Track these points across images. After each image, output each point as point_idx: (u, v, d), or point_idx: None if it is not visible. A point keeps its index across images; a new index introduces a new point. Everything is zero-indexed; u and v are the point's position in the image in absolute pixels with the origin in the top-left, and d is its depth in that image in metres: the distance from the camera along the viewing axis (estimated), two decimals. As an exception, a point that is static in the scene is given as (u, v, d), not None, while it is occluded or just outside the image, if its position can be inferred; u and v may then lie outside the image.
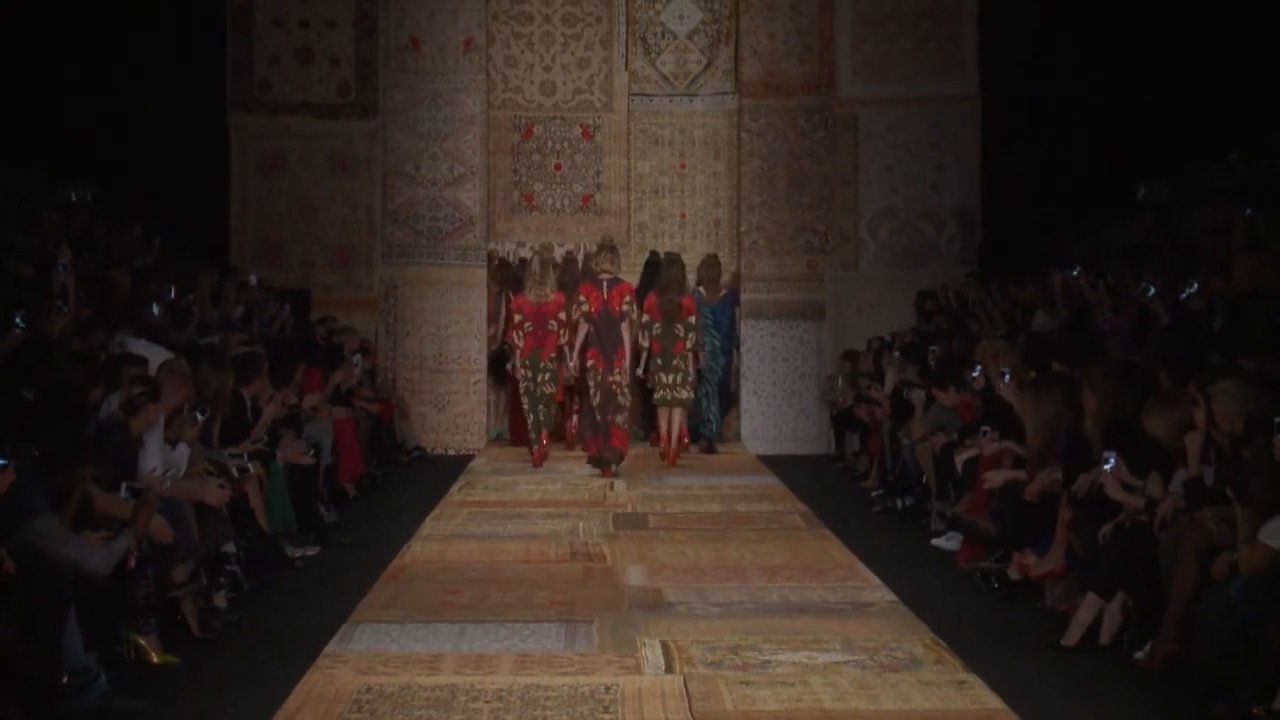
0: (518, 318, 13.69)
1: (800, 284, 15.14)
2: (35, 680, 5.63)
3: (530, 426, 13.63)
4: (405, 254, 15.15)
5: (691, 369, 13.77)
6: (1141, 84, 13.08)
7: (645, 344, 13.65)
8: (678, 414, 13.81)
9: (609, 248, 13.52)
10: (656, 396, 13.86)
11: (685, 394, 13.75)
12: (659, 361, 13.73)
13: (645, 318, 13.63)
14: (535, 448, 13.50)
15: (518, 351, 13.64)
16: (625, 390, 13.10)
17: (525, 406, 13.68)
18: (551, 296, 13.65)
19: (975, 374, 10.01)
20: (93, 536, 6.19)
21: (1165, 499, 6.83)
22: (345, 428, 11.41)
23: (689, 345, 13.75)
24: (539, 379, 13.57)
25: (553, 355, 13.57)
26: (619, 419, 12.96)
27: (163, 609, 6.90)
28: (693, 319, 13.73)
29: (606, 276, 13.34)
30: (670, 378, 13.70)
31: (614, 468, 12.82)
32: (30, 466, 5.92)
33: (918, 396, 11.03)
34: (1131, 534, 6.92)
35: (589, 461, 13.08)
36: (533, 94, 15.82)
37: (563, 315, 13.56)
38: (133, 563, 6.36)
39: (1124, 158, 13.13)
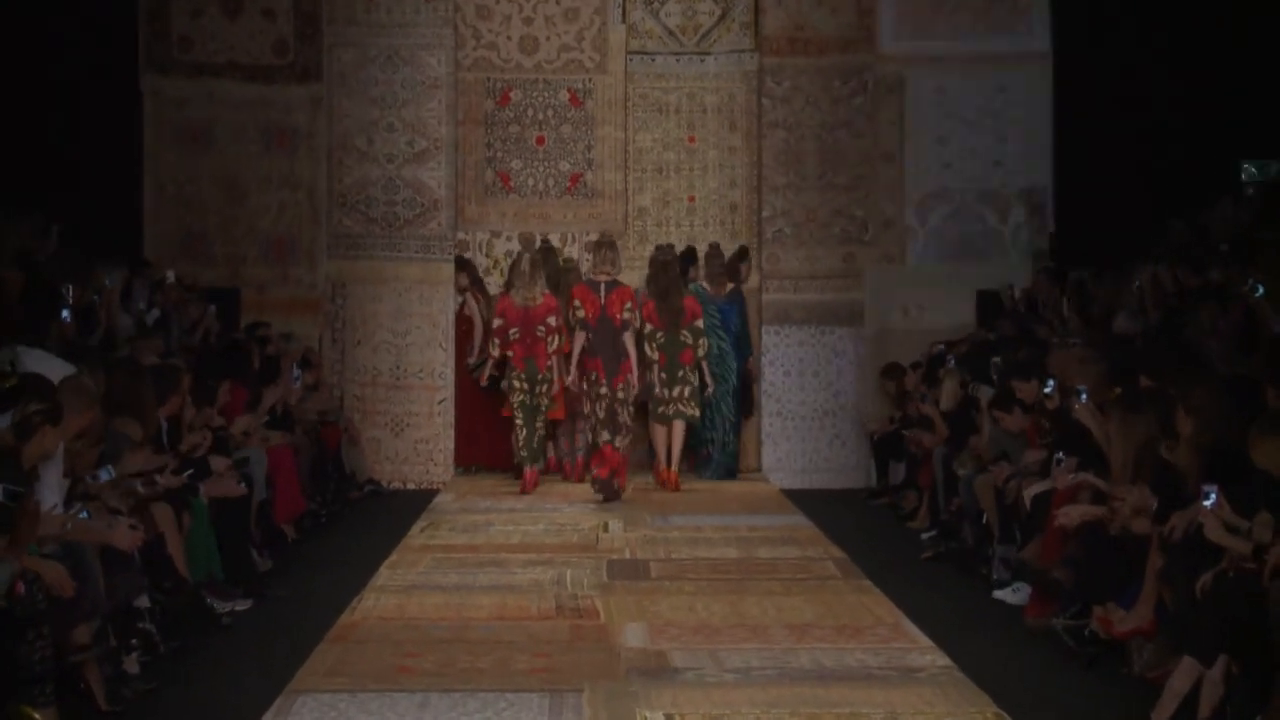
0: (499, 322, 14.01)
1: (834, 282, 15.18)
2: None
3: (522, 445, 14.01)
4: (355, 245, 15.19)
5: (697, 381, 14.17)
6: (1249, 40, 13.09)
7: (654, 356, 14.11)
8: (679, 431, 14.19)
9: (608, 245, 13.98)
10: (657, 412, 14.20)
11: (691, 410, 14.16)
12: (664, 375, 14.15)
13: (648, 327, 14.04)
14: (526, 470, 13.91)
15: (508, 363, 13.99)
16: (629, 410, 13.67)
17: (519, 423, 14.00)
18: (541, 299, 14.02)
19: (1048, 390, 10.02)
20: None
21: (1277, 543, 6.84)
22: (283, 456, 11.42)
23: (699, 354, 14.15)
24: (537, 391, 13.97)
25: (549, 365, 13.97)
26: (618, 440, 13.53)
27: (62, 676, 6.89)
28: (699, 323, 14.20)
29: (605, 279, 13.83)
30: (675, 391, 14.11)
31: (606, 494, 13.33)
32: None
33: (985, 406, 11.06)
34: (1236, 585, 6.91)
35: (594, 488, 13.48)
36: (510, 52, 15.85)
37: (552, 320, 13.92)
38: (21, 588, 6.33)
39: (1226, 129, 13.14)
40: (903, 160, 15.19)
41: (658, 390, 14.16)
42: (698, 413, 14.25)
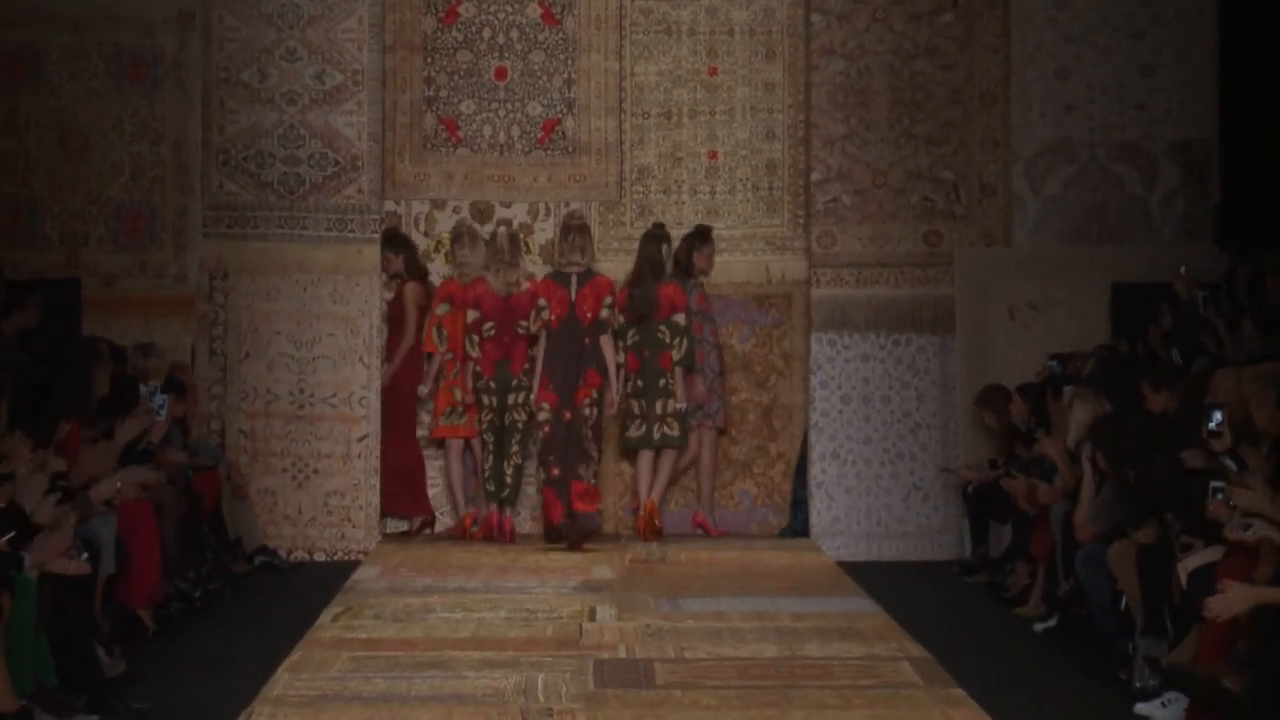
0: (474, 315, 14.81)
1: (912, 271, 15.24)
2: None
3: (489, 477, 14.89)
4: (243, 220, 15.23)
5: (682, 393, 14.95)
6: None
7: (620, 359, 14.92)
8: (666, 461, 15.03)
9: (577, 229, 14.86)
10: (631, 435, 15.06)
11: (675, 431, 15.02)
12: (639, 383, 15.00)
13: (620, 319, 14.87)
14: (502, 517, 14.84)
15: (470, 365, 14.84)
16: (590, 433, 14.61)
17: (490, 449, 14.92)
18: (525, 285, 14.88)
19: (1214, 424, 10.00)
20: None
21: None
22: (141, 515, 11.43)
23: (677, 357, 14.92)
24: (510, 402, 14.85)
25: (526, 368, 14.84)
26: (584, 471, 14.51)
27: None
28: (680, 318, 14.96)
29: (576, 269, 14.70)
30: (653, 406, 14.99)
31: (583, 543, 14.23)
32: None
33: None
34: None
35: (546, 537, 14.55)
36: (458, -52, 15.92)
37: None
38: None
39: None
40: (1008, 101, 15.24)
41: (627, 404, 15.00)
42: (683, 434, 15.04)
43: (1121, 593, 10.48)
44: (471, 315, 14.87)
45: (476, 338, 14.82)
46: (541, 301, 14.70)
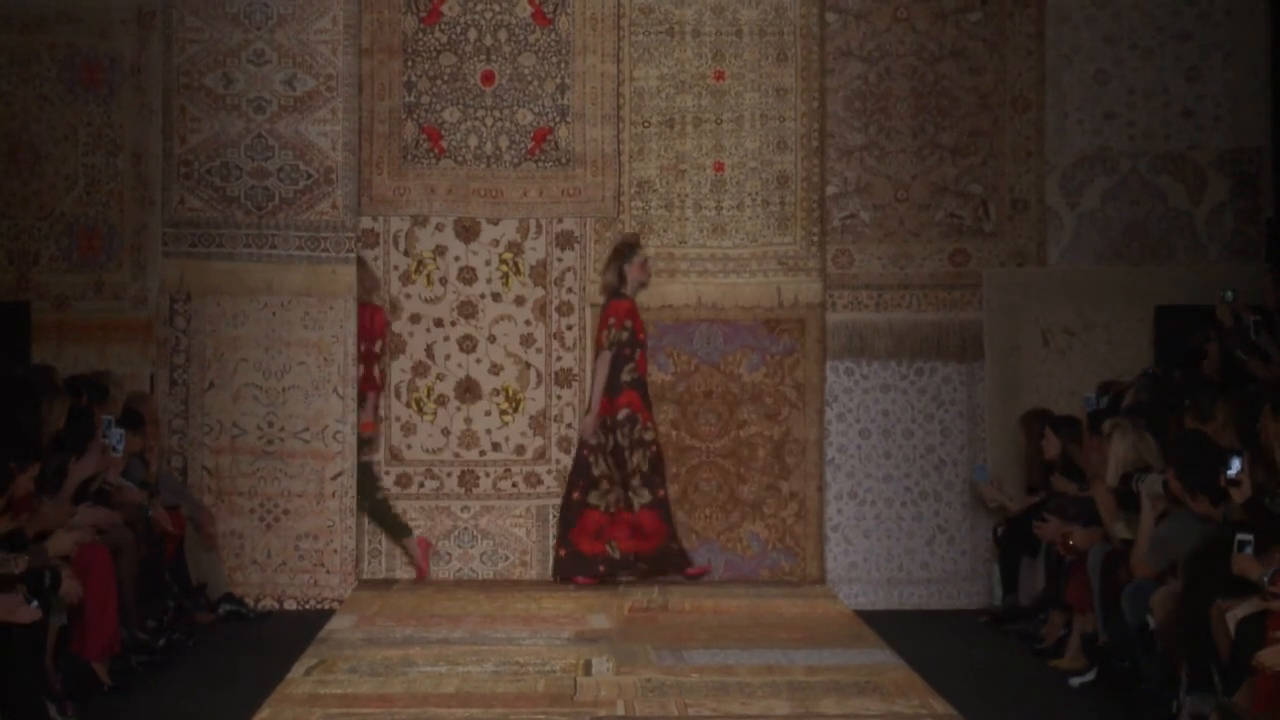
0: None
1: (937, 294, 15.30)
2: None
3: None
4: (207, 238, 15.27)
5: None
6: None
7: None
8: None
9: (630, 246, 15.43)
10: None
11: None
12: None
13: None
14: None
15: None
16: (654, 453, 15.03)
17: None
18: None
19: (1233, 471, 10.01)
20: None
21: None
22: (96, 561, 11.46)
23: None
24: None
25: None
26: (654, 497, 15.17)
27: None
28: None
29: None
30: None
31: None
32: None
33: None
34: None
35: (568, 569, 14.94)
36: (441, -58, 15.99)
37: None
38: None
39: None
40: (1043, 107, 15.30)
41: None
42: None
43: (1162, 640, 10.51)
44: None
45: None
46: (628, 324, 15.28)
